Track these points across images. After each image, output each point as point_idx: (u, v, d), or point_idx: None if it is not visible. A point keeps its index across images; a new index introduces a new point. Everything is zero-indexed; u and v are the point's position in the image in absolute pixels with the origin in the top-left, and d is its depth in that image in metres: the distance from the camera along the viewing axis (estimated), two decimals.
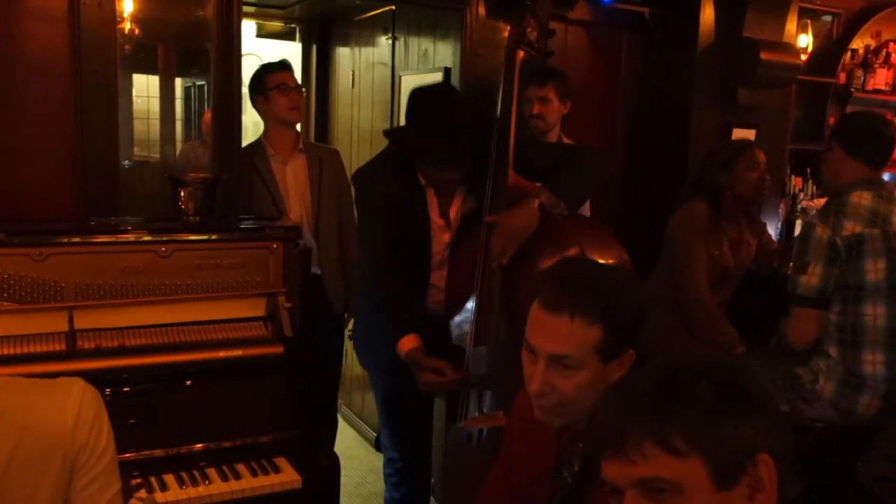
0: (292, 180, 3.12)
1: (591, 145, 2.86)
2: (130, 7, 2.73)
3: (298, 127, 3.32)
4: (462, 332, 2.38)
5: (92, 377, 1.49)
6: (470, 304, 2.33)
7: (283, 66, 3.20)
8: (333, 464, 2.22)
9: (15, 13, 2.54)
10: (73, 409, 1.32)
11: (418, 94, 2.35)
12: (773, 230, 3.85)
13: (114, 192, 2.72)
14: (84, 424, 1.33)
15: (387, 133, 2.45)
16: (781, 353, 3.02)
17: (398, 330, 2.34)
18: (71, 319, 2.11)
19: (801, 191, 4.39)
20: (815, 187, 4.36)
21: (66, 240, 2.14)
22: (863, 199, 2.54)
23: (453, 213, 2.46)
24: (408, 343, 2.32)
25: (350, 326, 3.31)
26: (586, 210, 3.28)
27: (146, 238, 2.23)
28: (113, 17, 2.65)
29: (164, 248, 2.23)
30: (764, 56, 3.63)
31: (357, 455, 4.09)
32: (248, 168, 3.03)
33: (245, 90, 3.09)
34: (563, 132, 3.26)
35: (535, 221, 2.23)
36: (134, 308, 2.21)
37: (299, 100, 3.14)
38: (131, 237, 2.22)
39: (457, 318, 2.39)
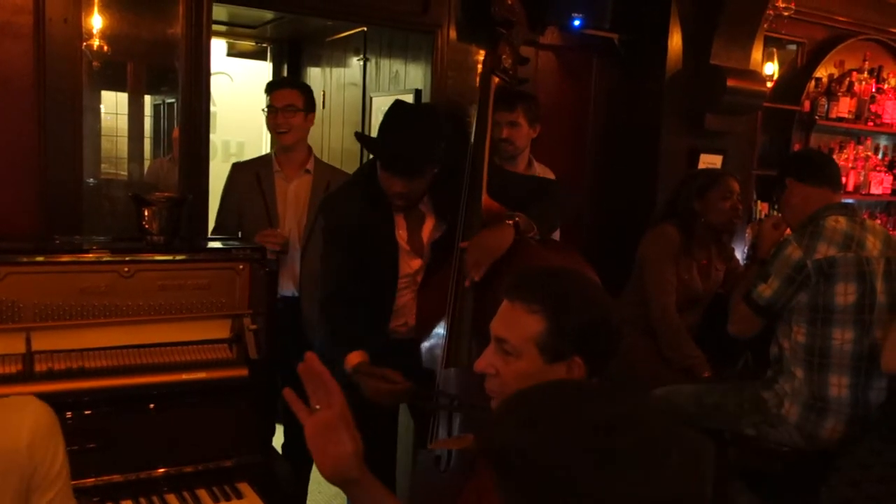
0: (292, 199, 3.06)
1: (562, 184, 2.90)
2: (99, 24, 2.70)
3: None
4: (433, 355, 2.36)
5: (50, 400, 1.45)
6: (441, 329, 2.31)
7: (275, 85, 3.13)
8: (298, 489, 2.18)
9: None
10: (28, 427, 1.29)
11: (395, 103, 2.37)
12: (739, 255, 3.90)
13: (77, 211, 2.68)
14: (39, 443, 1.30)
15: (357, 134, 2.49)
16: (748, 377, 3.04)
17: (349, 347, 2.32)
18: (28, 341, 2.05)
19: (766, 216, 4.44)
20: (780, 213, 4.42)
21: (23, 259, 2.09)
22: (839, 223, 2.57)
23: (425, 237, 2.45)
24: (355, 357, 2.30)
25: None
26: (556, 236, 3.29)
27: (108, 258, 2.18)
28: (79, 33, 2.63)
29: (126, 269, 2.19)
30: (731, 83, 3.70)
31: (323, 479, 4.02)
32: (251, 179, 3.01)
33: (214, 108, 3.07)
34: (533, 156, 3.28)
35: (510, 239, 2.23)
36: (94, 329, 2.16)
37: (289, 121, 2.99)
38: (92, 257, 2.17)
39: (428, 343, 2.37)
